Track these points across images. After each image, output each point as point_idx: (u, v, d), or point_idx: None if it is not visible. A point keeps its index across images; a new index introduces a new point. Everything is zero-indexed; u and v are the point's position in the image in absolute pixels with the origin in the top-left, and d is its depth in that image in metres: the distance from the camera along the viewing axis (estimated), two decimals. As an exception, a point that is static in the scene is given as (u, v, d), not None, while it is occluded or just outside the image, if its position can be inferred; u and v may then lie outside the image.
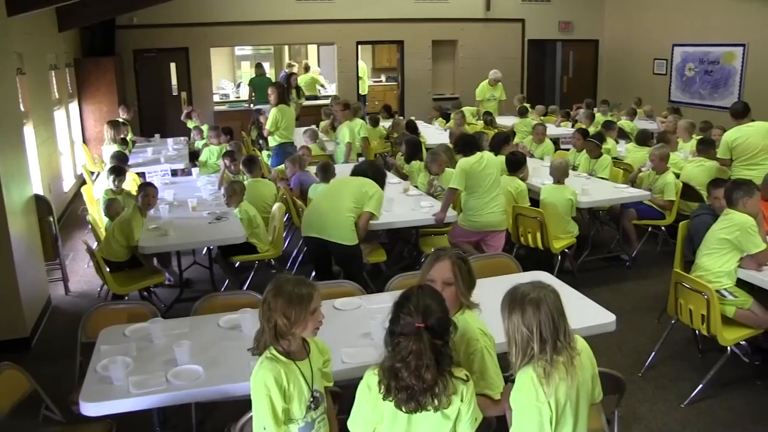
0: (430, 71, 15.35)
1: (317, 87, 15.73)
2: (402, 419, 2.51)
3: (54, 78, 9.84)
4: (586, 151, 8.06)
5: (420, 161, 7.63)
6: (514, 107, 12.24)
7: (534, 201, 6.85)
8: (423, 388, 2.41)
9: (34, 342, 5.63)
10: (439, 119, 12.75)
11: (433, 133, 11.01)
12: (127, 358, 3.38)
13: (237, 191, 6.32)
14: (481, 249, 6.07)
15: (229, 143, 8.83)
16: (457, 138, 6.76)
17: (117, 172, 6.79)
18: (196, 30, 13.50)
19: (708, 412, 4.43)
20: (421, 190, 7.07)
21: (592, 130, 9.34)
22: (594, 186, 7.13)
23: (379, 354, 2.59)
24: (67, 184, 10.16)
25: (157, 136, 11.50)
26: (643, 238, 7.30)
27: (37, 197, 6.48)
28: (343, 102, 9.44)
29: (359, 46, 15.09)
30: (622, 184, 7.44)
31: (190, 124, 11.44)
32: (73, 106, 11.34)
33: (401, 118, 12.44)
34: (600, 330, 3.81)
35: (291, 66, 15.52)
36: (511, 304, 2.55)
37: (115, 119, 10.15)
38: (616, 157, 8.61)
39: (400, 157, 8.48)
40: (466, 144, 6.17)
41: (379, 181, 5.65)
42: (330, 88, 15.85)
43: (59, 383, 4.03)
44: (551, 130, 10.49)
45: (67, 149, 10.43)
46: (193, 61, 13.87)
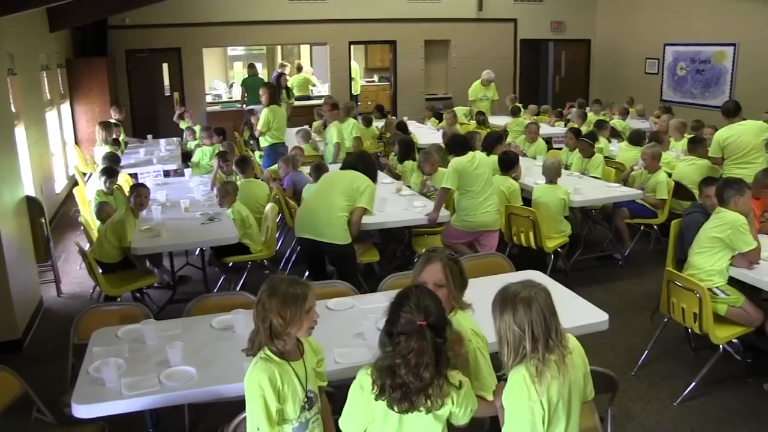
0: (423, 71, 15.35)
1: (309, 87, 15.72)
2: (393, 419, 2.50)
3: (45, 78, 9.79)
4: (578, 151, 8.08)
5: (413, 161, 7.64)
6: (506, 107, 12.27)
7: (526, 200, 6.86)
8: (418, 387, 2.40)
9: (25, 344, 5.60)
10: (432, 119, 12.75)
11: (426, 133, 11.02)
12: (119, 359, 3.36)
13: (230, 192, 6.30)
14: (475, 249, 6.07)
15: (222, 144, 8.82)
16: (449, 138, 6.77)
17: (109, 173, 6.77)
18: (188, 30, 13.47)
19: (700, 410, 4.44)
20: (413, 190, 7.07)
21: (584, 129, 9.38)
22: (586, 185, 7.15)
23: (373, 354, 2.58)
24: (59, 185, 10.11)
25: (149, 137, 11.47)
26: (636, 237, 7.32)
27: (28, 198, 6.45)
28: (330, 102, 9.39)
29: (352, 46, 15.09)
30: (615, 183, 7.46)
31: (183, 125, 11.41)
32: (65, 107, 11.28)
33: (394, 118, 12.46)
34: (593, 329, 3.82)
35: (283, 66, 15.51)
36: (502, 303, 2.54)
37: (107, 120, 10.12)
38: (609, 157, 8.63)
39: (393, 157, 8.49)
40: (458, 144, 6.17)
41: (370, 174, 5.49)
42: (323, 89, 15.84)
43: (51, 385, 4.01)
44: (544, 130, 10.51)
45: (59, 150, 10.39)
46: (186, 62, 13.84)
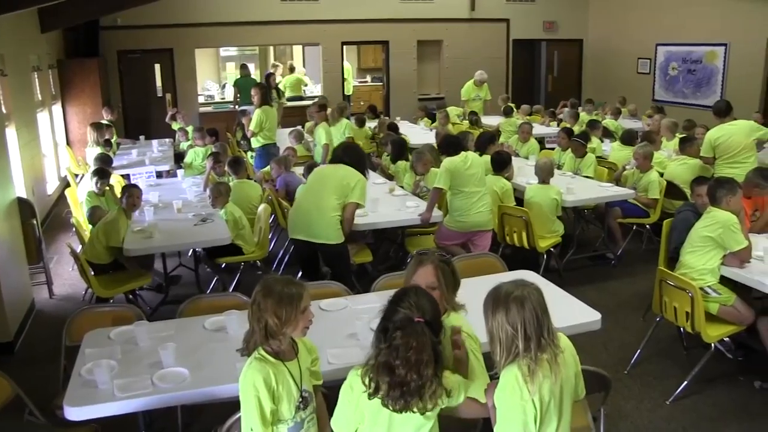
0: (416, 71, 15.36)
1: (302, 88, 15.70)
2: (383, 419, 2.50)
3: (37, 79, 9.76)
4: (571, 150, 8.09)
5: (405, 161, 7.64)
6: (499, 107, 12.29)
7: (519, 200, 6.87)
8: (417, 386, 2.40)
9: (17, 346, 5.57)
10: (425, 119, 12.76)
11: (419, 133, 11.03)
12: (111, 361, 3.35)
13: (222, 192, 6.29)
14: (468, 249, 6.07)
15: (215, 145, 8.81)
16: (442, 138, 6.77)
17: (100, 175, 6.75)
18: (180, 31, 13.43)
19: (693, 408, 4.46)
20: (406, 190, 7.07)
21: (576, 129, 9.41)
22: (579, 185, 7.16)
23: (366, 354, 2.58)
24: (51, 187, 10.08)
25: (141, 138, 11.44)
26: (628, 237, 7.33)
27: (20, 200, 6.42)
28: (319, 103, 9.34)
29: (344, 47, 15.08)
30: (607, 182, 7.48)
31: (175, 126, 11.38)
32: (57, 108, 11.24)
33: (386, 118, 12.46)
34: (586, 328, 3.83)
35: (275, 66, 15.51)
36: (494, 302, 2.54)
37: (99, 121, 10.09)
38: (601, 156, 8.65)
39: (385, 158, 8.49)
40: (451, 144, 6.17)
41: (358, 166, 5.42)
42: (315, 89, 15.83)
43: (43, 388, 3.99)
44: (537, 130, 10.54)
45: (50, 151, 10.35)
46: (178, 63, 13.80)
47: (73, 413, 3.02)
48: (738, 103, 8.08)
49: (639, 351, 5.06)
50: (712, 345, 4.54)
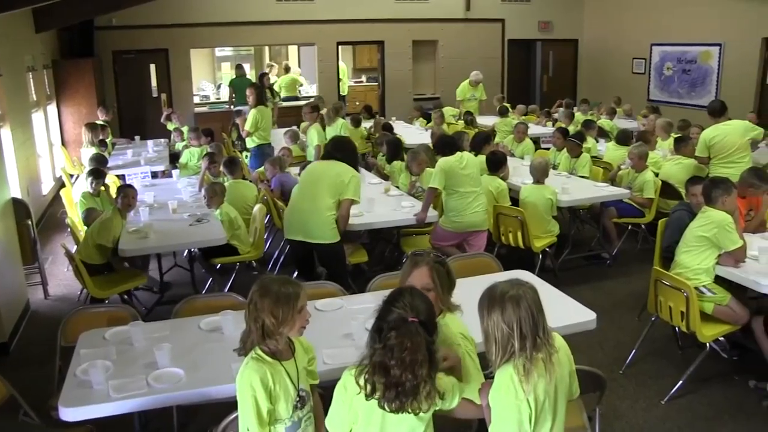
0: (411, 71, 15.37)
1: (297, 88, 15.69)
2: (376, 419, 2.50)
3: (31, 80, 9.73)
4: (566, 150, 8.10)
5: (401, 161, 7.64)
6: (494, 107, 12.29)
7: (514, 200, 6.88)
8: (413, 385, 2.39)
9: (12, 347, 5.55)
10: (420, 119, 12.76)
11: (414, 134, 11.03)
12: (107, 361, 3.34)
13: (217, 193, 6.28)
14: (463, 249, 6.07)
15: (210, 145, 8.79)
16: (437, 138, 6.77)
17: (95, 175, 6.73)
18: (176, 31, 13.42)
19: (688, 408, 4.47)
20: (402, 190, 7.06)
21: (571, 129, 9.41)
22: (574, 185, 7.17)
23: (360, 354, 2.58)
24: (46, 187, 10.06)
25: (137, 138, 11.42)
26: (623, 237, 7.35)
27: (14, 200, 6.40)
28: (311, 104, 9.28)
29: (340, 47, 15.08)
30: (602, 182, 7.50)
31: (170, 126, 11.37)
32: (52, 108, 11.22)
33: (382, 118, 12.46)
34: (581, 328, 3.84)
35: (270, 67, 15.49)
36: (490, 302, 2.54)
37: (93, 122, 10.06)
38: (596, 156, 8.67)
39: (381, 158, 8.49)
40: (446, 145, 6.17)
41: (350, 160, 5.40)
42: (311, 89, 15.82)
43: (38, 388, 3.98)
44: (532, 130, 10.55)
45: (45, 152, 10.33)
46: (173, 63, 13.78)
47: (68, 414, 3.02)
48: (732, 103, 8.09)
49: (634, 350, 5.06)
50: (707, 344, 4.55)
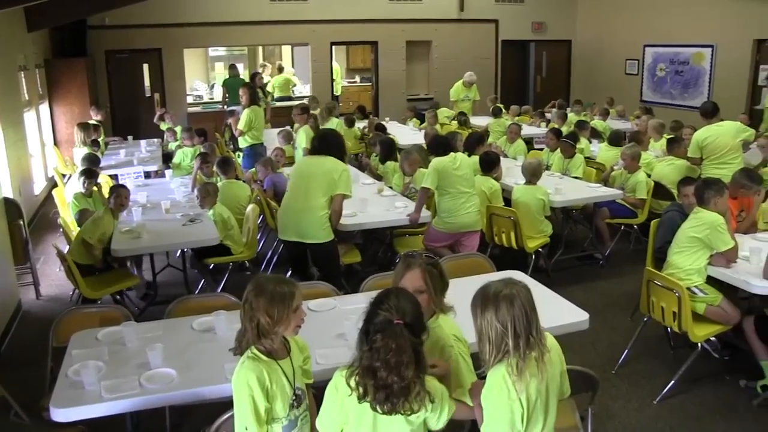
0: (405, 72, 15.38)
1: (291, 88, 15.68)
2: (367, 421, 2.49)
3: (23, 79, 9.68)
4: (560, 151, 8.12)
5: (394, 162, 7.64)
6: (488, 108, 12.31)
7: (508, 201, 6.88)
8: (401, 387, 2.39)
9: (3, 347, 5.53)
10: (414, 120, 12.77)
11: (407, 134, 11.03)
12: (99, 362, 3.33)
13: (210, 193, 6.27)
14: (456, 250, 6.07)
15: (203, 145, 8.78)
16: (431, 139, 6.77)
17: (88, 175, 6.71)
18: (169, 31, 13.39)
19: (680, 408, 4.49)
20: (395, 190, 7.06)
21: (565, 129, 9.43)
22: (567, 185, 7.19)
23: (352, 355, 2.58)
24: (38, 187, 10.02)
25: (129, 138, 11.39)
26: (616, 237, 7.37)
27: (6, 200, 6.39)
28: (301, 106, 9.20)
29: (333, 47, 15.07)
30: (595, 183, 7.51)
31: (163, 126, 11.34)
32: (44, 108, 11.17)
33: (375, 118, 12.46)
34: (574, 328, 3.84)
35: (263, 66, 15.47)
36: (483, 301, 2.54)
37: (85, 122, 10.03)
38: (589, 157, 8.68)
39: (374, 158, 8.49)
40: (440, 145, 6.17)
41: (337, 153, 5.35)
42: (304, 89, 15.81)
43: (29, 389, 3.97)
44: (526, 130, 10.56)
45: (37, 151, 10.28)
46: (167, 63, 13.76)
47: (60, 415, 3.00)
48: (724, 105, 8.13)
49: (627, 351, 5.08)
50: (699, 345, 4.57)
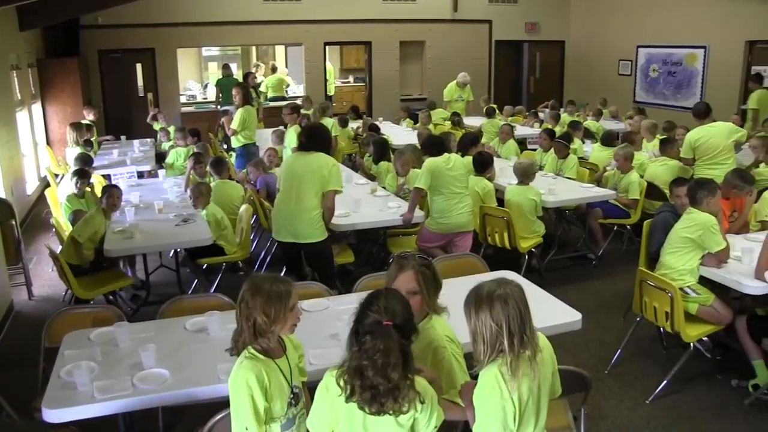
0: (398, 72, 15.39)
1: (284, 88, 15.66)
2: (358, 422, 2.48)
3: (16, 78, 9.65)
4: (554, 152, 8.13)
5: (388, 162, 7.64)
6: (481, 108, 12.32)
7: (501, 201, 6.89)
8: (388, 389, 2.38)
9: (-5, 348, 5.52)
10: (407, 120, 12.77)
11: (401, 134, 11.03)
12: (91, 362, 3.32)
13: (203, 193, 6.26)
14: (449, 250, 6.07)
15: (196, 145, 8.76)
16: (425, 139, 6.77)
17: (80, 175, 6.68)
18: (162, 30, 13.35)
19: (672, 407, 4.51)
20: (389, 191, 7.06)
21: (558, 130, 9.44)
22: (560, 186, 7.20)
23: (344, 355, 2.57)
24: (31, 187, 9.99)
25: (123, 138, 11.36)
26: (609, 237, 7.37)
27: (-2, 200, 6.36)
28: (291, 105, 9.17)
29: (327, 47, 15.06)
30: (588, 183, 7.53)
31: (156, 126, 11.32)
32: (36, 107, 11.12)
33: (369, 118, 12.46)
34: (566, 328, 3.85)
35: (257, 66, 15.45)
36: (477, 301, 2.54)
37: (78, 121, 9.99)
38: (582, 157, 8.70)
39: (367, 158, 8.48)
40: (434, 145, 6.17)
41: (324, 147, 5.33)
42: (298, 89, 15.80)
43: (21, 390, 3.95)
44: (519, 131, 10.58)
45: (30, 151, 10.25)
46: (160, 62, 13.72)
47: (52, 415, 2.99)
48: (717, 105, 8.17)
49: (619, 351, 5.09)
50: (691, 344, 4.59)
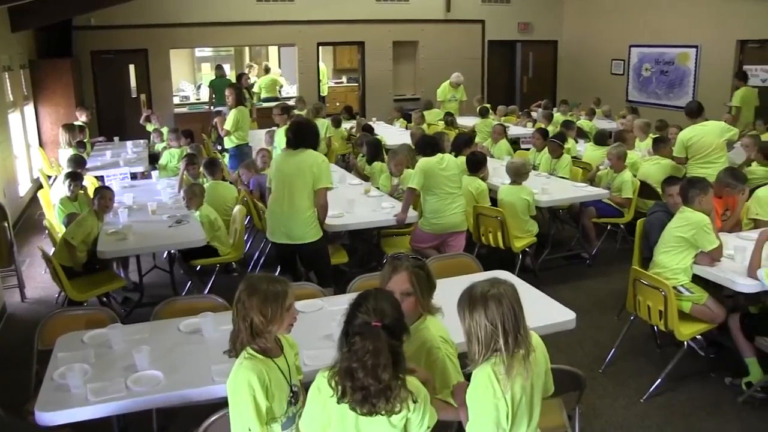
0: (391, 72, 15.39)
1: (277, 88, 15.64)
2: (350, 423, 2.47)
3: (8, 80, 9.61)
4: (548, 151, 8.14)
5: (381, 162, 7.64)
6: (474, 108, 12.33)
7: (495, 201, 6.90)
8: (379, 389, 2.38)
9: (-12, 350, 5.50)
10: (401, 120, 12.77)
11: (394, 134, 11.03)
12: (85, 365, 3.31)
13: (197, 194, 6.25)
14: (443, 251, 6.07)
15: (190, 146, 8.74)
16: (419, 139, 6.77)
17: (73, 178, 6.66)
18: (155, 31, 13.32)
19: (666, 405, 4.52)
20: (382, 191, 7.06)
21: (551, 129, 9.46)
22: (554, 185, 7.21)
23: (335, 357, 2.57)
24: (23, 189, 9.94)
25: (116, 139, 11.33)
26: (603, 236, 7.38)
27: (-10, 202, 6.34)
28: (281, 106, 9.15)
29: (320, 47, 15.05)
30: (582, 183, 7.55)
31: (150, 127, 11.30)
32: (29, 109, 11.08)
33: (362, 119, 12.46)
34: (560, 327, 3.86)
35: (250, 67, 15.43)
36: (471, 301, 2.54)
37: (71, 123, 9.97)
38: (575, 157, 8.72)
39: (361, 159, 8.48)
40: (427, 145, 6.16)
41: (313, 144, 5.29)
42: (291, 90, 15.78)
43: (14, 393, 3.94)
44: (513, 130, 10.59)
45: (22, 153, 10.21)
46: (153, 63, 13.69)
47: (45, 418, 2.98)
48: (709, 104, 8.19)
49: (613, 349, 5.10)
50: (685, 343, 4.60)
